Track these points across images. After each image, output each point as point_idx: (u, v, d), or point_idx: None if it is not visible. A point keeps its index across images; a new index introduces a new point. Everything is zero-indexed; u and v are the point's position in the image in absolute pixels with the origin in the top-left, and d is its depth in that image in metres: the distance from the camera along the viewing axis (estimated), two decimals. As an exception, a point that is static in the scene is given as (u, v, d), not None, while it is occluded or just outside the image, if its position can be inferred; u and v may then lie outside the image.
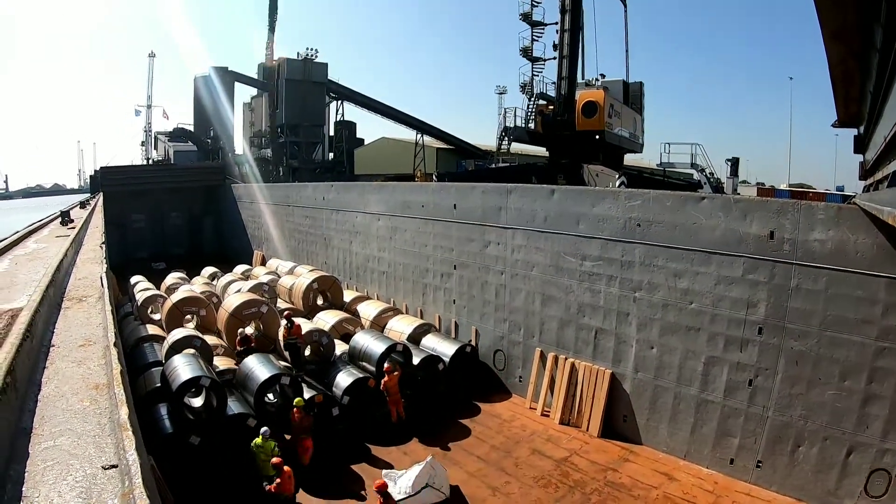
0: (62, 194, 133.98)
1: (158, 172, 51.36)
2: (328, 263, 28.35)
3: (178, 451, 12.73)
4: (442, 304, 20.49)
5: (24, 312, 2.74)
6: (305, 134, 47.04)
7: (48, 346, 2.59)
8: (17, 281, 4.12)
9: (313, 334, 17.59)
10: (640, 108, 36.60)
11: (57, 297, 3.53)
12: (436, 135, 53.87)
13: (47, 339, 2.68)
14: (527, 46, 33.00)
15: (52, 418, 1.89)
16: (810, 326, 10.69)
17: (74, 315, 3.17)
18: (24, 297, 3.43)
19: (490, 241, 18.02)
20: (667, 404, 13.25)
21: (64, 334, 2.79)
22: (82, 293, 3.73)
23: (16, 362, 2.02)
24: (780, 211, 11.05)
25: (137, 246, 41.90)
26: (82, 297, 3.61)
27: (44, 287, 3.36)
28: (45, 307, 3.05)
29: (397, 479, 12.43)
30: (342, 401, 15.23)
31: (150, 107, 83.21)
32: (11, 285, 4.02)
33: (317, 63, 46.67)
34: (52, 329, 2.86)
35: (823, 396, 10.54)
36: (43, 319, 2.90)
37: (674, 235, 12.96)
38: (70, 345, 2.62)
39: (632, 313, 14.02)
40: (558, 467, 13.15)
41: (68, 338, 2.72)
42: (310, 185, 31.98)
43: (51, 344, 2.63)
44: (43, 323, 2.83)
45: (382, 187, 24.90)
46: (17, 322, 2.55)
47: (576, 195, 15.59)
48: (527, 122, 31.63)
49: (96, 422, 1.85)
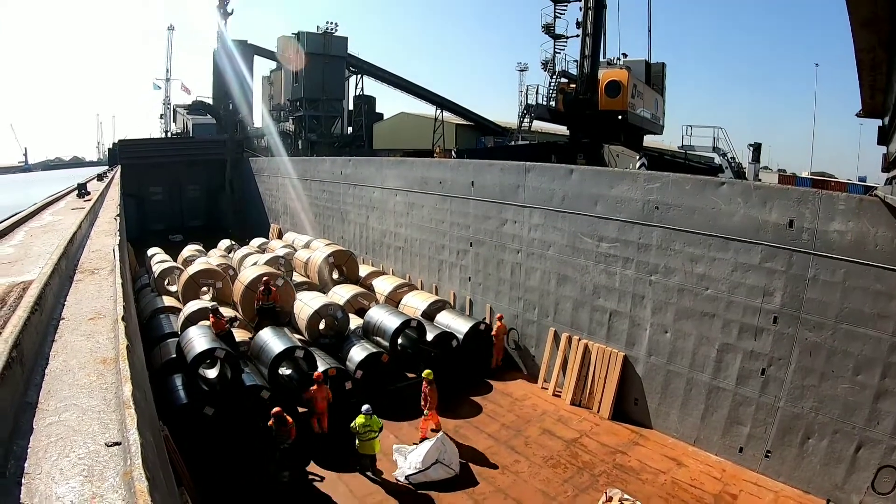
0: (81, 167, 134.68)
1: (176, 145, 51.53)
2: (345, 238, 28.41)
3: (192, 422, 12.93)
4: (457, 281, 20.53)
5: (34, 285, 2.74)
6: (324, 108, 46.85)
7: (58, 319, 2.60)
8: (30, 253, 4.14)
9: (328, 308, 17.67)
10: (661, 89, 36.04)
11: (69, 270, 3.54)
12: (455, 111, 53.51)
13: (57, 312, 2.69)
14: (549, 23, 32.45)
15: (58, 393, 1.90)
16: (826, 318, 10.57)
17: (86, 288, 3.18)
18: (37, 269, 3.43)
19: (507, 219, 17.97)
20: (678, 389, 13.23)
21: (74, 307, 2.80)
22: (95, 265, 3.74)
23: (23, 336, 2.02)
24: (801, 199, 10.88)
25: (155, 218, 42.18)
26: (95, 269, 3.62)
27: (55, 259, 3.36)
28: (56, 280, 3.06)
29: (407, 454, 12.57)
30: (355, 375, 15.34)
31: (168, 80, 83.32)
32: (25, 257, 4.04)
33: (336, 37, 46.33)
34: (63, 302, 2.87)
35: (836, 389, 10.45)
36: (53, 292, 2.91)
37: (692, 220, 12.84)
38: (80, 318, 2.62)
39: (647, 296, 13.96)
40: (568, 448, 13.21)
41: (78, 311, 2.73)
42: (328, 159, 31.98)
43: (61, 317, 2.64)
44: (53, 296, 2.84)
45: (400, 163, 24.84)
46: (27, 295, 2.56)
47: (594, 175, 15.47)
48: (548, 99, 31.27)
49: (101, 397, 1.85)
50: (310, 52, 44.59)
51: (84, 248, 4.55)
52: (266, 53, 50.01)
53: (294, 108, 48.85)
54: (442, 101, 52.11)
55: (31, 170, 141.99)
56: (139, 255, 30.27)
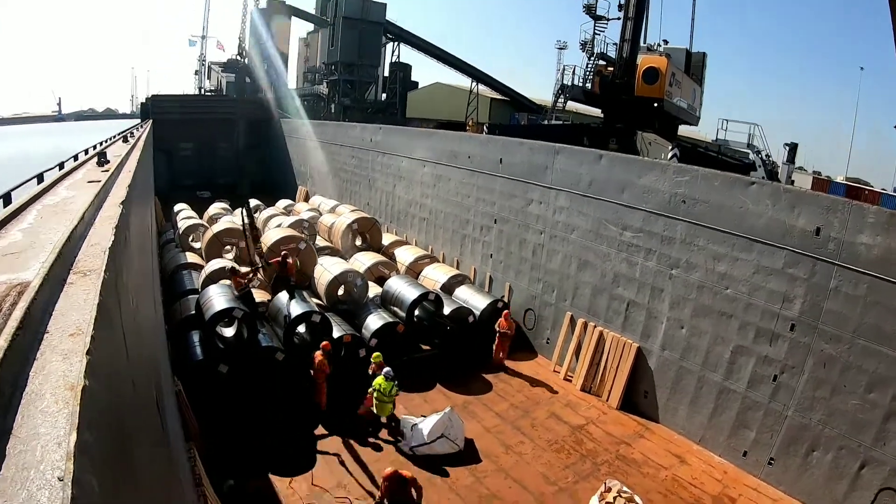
0: (114, 118, 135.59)
1: (209, 103, 51.70)
2: (370, 205, 28.48)
3: (206, 378, 13.20)
4: (479, 257, 20.55)
5: (26, 293, 2.76)
6: (359, 73, 46.73)
7: (43, 334, 2.60)
8: (36, 242, 4.13)
9: (348, 275, 17.81)
10: (700, 79, 35.44)
11: (63, 271, 3.53)
12: (491, 84, 53.10)
13: (44, 326, 2.68)
14: (590, 3, 31.93)
15: (31, 420, 1.93)
16: (844, 331, 10.36)
17: (75, 294, 3.16)
18: (36, 265, 3.45)
19: (533, 199, 17.88)
20: (689, 386, 13.18)
21: (61, 319, 2.77)
22: (88, 266, 3.72)
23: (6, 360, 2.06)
24: (830, 208, 10.62)
25: (184, 174, 42.36)
26: (87, 270, 3.60)
27: (51, 261, 3.36)
28: (48, 285, 3.05)
29: (414, 425, 12.72)
30: (369, 343, 15.49)
31: (205, 37, 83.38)
32: (30, 247, 4.03)
33: (375, 3, 46.04)
34: (52, 311, 2.87)
35: (846, 404, 10.28)
36: (44, 300, 2.90)
37: (718, 217, 12.66)
38: (62, 333, 2.61)
39: (666, 290, 13.86)
40: (573, 434, 13.28)
41: (63, 323, 2.71)
42: (358, 125, 31.94)
43: (46, 331, 2.63)
44: (43, 305, 2.84)
45: (431, 134, 24.76)
46: (17, 308, 2.57)
47: (623, 163, 15.32)
48: (584, 81, 30.89)
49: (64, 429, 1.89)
50: (347, 16, 44.38)
51: (85, 239, 4.54)
52: (304, 15, 49.77)
53: (329, 71, 48.80)
54: (478, 74, 51.74)
55: (65, 119, 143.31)
56: (167, 210, 30.66)
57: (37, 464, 1.73)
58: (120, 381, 3.37)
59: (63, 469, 1.70)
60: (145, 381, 5.02)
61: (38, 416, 1.93)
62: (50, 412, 1.95)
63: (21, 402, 2.00)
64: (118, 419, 2.92)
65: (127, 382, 3.70)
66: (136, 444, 3.43)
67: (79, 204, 5.74)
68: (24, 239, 4.31)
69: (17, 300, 2.74)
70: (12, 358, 2.16)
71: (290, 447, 12.29)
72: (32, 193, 6.44)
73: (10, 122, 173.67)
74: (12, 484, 1.64)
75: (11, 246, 4.10)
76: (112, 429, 2.61)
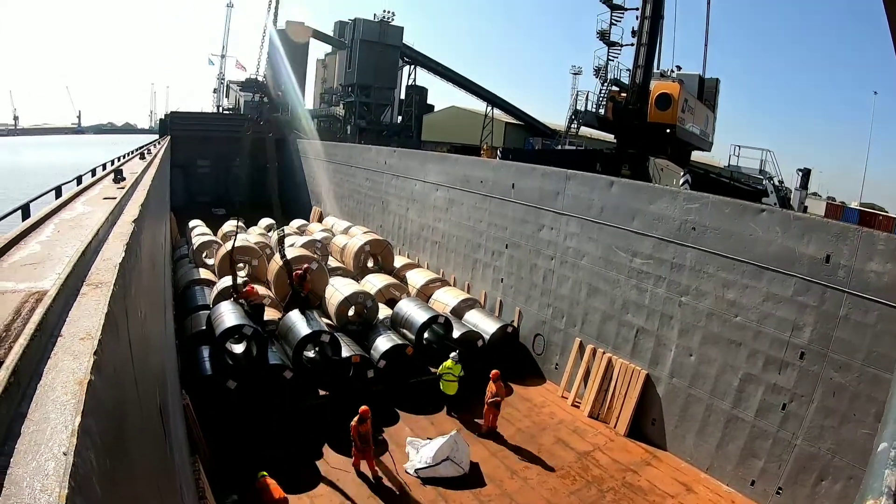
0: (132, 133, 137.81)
1: (226, 121, 52.24)
2: (383, 227, 28.63)
3: (214, 393, 13.29)
4: (490, 282, 20.59)
5: (44, 301, 2.94)
6: (376, 95, 47.24)
7: (57, 337, 2.79)
8: (52, 255, 4.30)
9: (359, 296, 17.89)
10: (713, 105, 35.50)
11: (78, 282, 3.71)
12: (506, 109, 53.44)
13: (58, 330, 2.87)
14: (604, 30, 32.09)
15: (43, 406, 2.14)
16: (853, 359, 10.28)
17: (87, 303, 3.32)
18: (53, 275, 3.62)
19: (544, 224, 17.95)
20: (697, 414, 13.09)
21: (74, 324, 2.96)
22: (101, 278, 3.88)
23: (23, 359, 2.28)
24: (840, 235, 10.61)
25: (200, 190, 42.79)
26: (99, 282, 3.76)
27: (67, 273, 3.55)
28: (64, 294, 3.26)
29: (420, 447, 12.73)
30: (378, 364, 15.53)
31: (224, 56, 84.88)
32: (46, 259, 4.20)
33: (392, 26, 46.67)
34: (66, 318, 3.05)
35: (855, 434, 10.15)
36: (59, 308, 3.10)
37: (728, 244, 12.65)
38: (74, 336, 2.80)
39: (675, 317, 13.83)
40: (579, 460, 13.20)
41: (75, 329, 2.89)
42: (373, 148, 32.17)
43: (60, 334, 2.82)
44: (58, 312, 3.05)
45: (444, 158, 24.91)
46: (35, 314, 2.75)
47: (634, 189, 15.37)
48: (598, 107, 31.01)
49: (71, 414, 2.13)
50: (365, 38, 44.93)
51: (99, 253, 4.71)
52: (322, 37, 50.37)
53: (346, 93, 49.31)
54: (493, 98, 52.11)
55: (84, 132, 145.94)
56: (181, 226, 30.96)
57: (46, 441, 1.96)
58: (123, 381, 3.53)
59: (67, 445, 1.94)
60: (149, 385, 5.17)
61: (49, 404, 2.16)
62: (60, 401, 2.17)
63: (36, 393, 2.26)
64: (119, 413, 3.13)
65: (130, 384, 3.85)
66: (134, 436, 3.61)
67: (94, 220, 5.90)
68: (42, 251, 4.49)
69: (35, 306, 2.93)
70: (30, 355, 2.43)
71: (295, 465, 12.29)
72: (51, 208, 6.62)
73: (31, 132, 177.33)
74: (24, 456, 1.88)
75: (30, 257, 4.29)
76: (112, 419, 2.83)
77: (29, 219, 5.94)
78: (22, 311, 2.91)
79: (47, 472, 1.79)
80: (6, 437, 1.93)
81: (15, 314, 2.88)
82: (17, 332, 2.61)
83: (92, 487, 2.03)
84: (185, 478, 7.88)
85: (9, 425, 1.98)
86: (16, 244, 4.68)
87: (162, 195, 18.95)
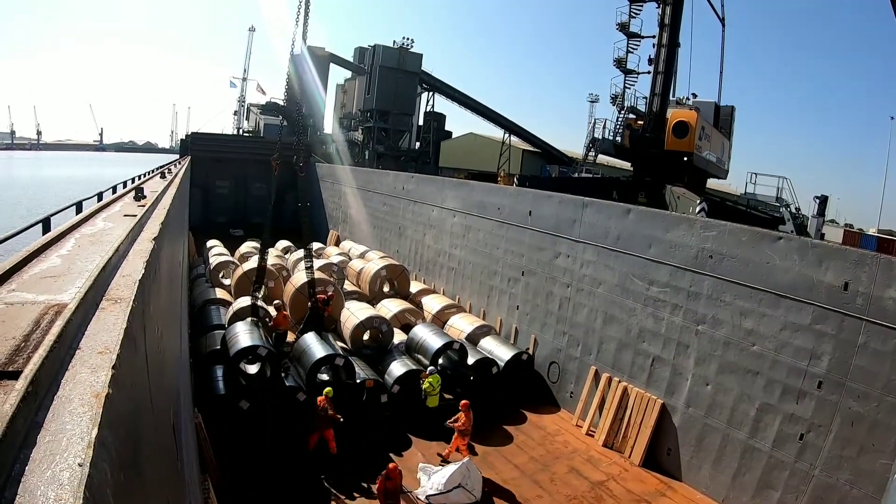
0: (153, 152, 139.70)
1: (246, 144, 52.82)
2: (400, 252, 28.72)
3: (227, 413, 13.31)
4: (505, 308, 20.54)
5: (63, 313, 2.99)
6: (394, 121, 47.71)
7: (75, 349, 2.83)
8: (72, 269, 4.36)
9: (374, 320, 17.92)
10: (729, 132, 35.56)
11: (97, 297, 3.76)
12: (523, 136, 53.75)
13: (76, 342, 2.92)
14: (621, 57, 32.24)
15: (60, 417, 2.17)
16: (872, 388, 10.10)
17: (105, 318, 3.37)
18: (73, 290, 3.67)
19: (560, 252, 17.93)
20: (713, 444, 12.90)
21: (92, 338, 3.00)
22: (120, 294, 3.93)
23: (42, 370, 2.33)
24: (858, 262, 10.51)
25: (219, 211, 43.26)
26: (118, 298, 3.81)
27: (87, 287, 3.61)
28: (83, 308, 3.30)
29: (432, 473, 12.66)
30: (391, 389, 15.49)
31: (245, 79, 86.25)
32: (67, 273, 4.26)
33: (411, 53, 47.23)
34: (84, 331, 3.09)
35: (874, 465, 9.95)
36: (78, 322, 3.15)
37: (745, 272, 12.56)
38: (92, 350, 2.84)
39: (692, 346, 13.71)
40: (593, 490, 13.04)
41: (94, 342, 2.93)
42: (391, 173, 32.36)
43: (78, 347, 2.87)
44: (77, 325, 3.10)
45: (461, 185, 25.01)
46: (55, 326, 2.81)
47: (651, 217, 15.33)
48: (615, 134, 31.12)
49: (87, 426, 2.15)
50: (384, 65, 45.42)
51: (119, 269, 4.77)
52: (342, 62, 50.97)
53: (364, 118, 49.79)
54: (511, 126, 52.43)
55: (105, 150, 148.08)
56: (199, 245, 31.24)
57: (62, 451, 1.98)
58: (139, 396, 3.57)
59: (83, 457, 1.96)
60: (163, 402, 5.23)
61: (66, 415, 2.19)
62: (76, 413, 2.19)
63: (53, 403, 2.30)
64: (134, 427, 3.16)
65: (146, 399, 3.89)
66: (147, 451, 3.64)
67: (114, 236, 5.98)
68: (63, 264, 4.56)
69: (55, 318, 2.98)
70: (48, 367, 2.46)
71: (304, 488, 12.24)
72: (72, 222, 6.71)
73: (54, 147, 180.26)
74: (40, 465, 1.90)
75: (51, 269, 4.36)
76: (128, 433, 2.86)
77: (49, 232, 6.04)
78: (41, 323, 2.95)
79: (62, 482, 1.80)
80: (22, 445, 1.94)
81: (34, 325, 2.92)
82: (35, 342, 2.65)
83: (106, 499, 2.05)
84: (195, 495, 7.89)
85: (25, 434, 2.00)
86: (36, 256, 4.75)
87: (181, 214, 19.16)
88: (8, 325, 2.91)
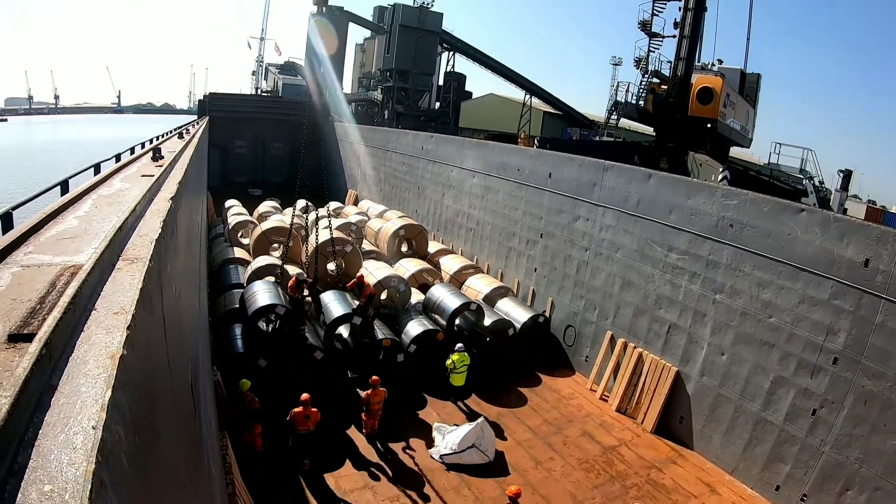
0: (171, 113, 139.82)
1: (264, 103, 52.70)
2: (418, 212, 28.70)
3: (245, 371, 13.44)
4: (523, 270, 20.55)
5: (79, 275, 2.99)
6: (414, 81, 47.25)
7: (91, 310, 2.83)
8: (89, 230, 4.37)
9: (392, 280, 18.00)
10: (754, 101, 34.81)
11: (113, 257, 3.75)
12: (544, 98, 53.06)
13: (92, 303, 2.91)
14: (646, 20, 31.42)
15: (74, 380, 2.18)
16: (888, 367, 9.98)
17: (122, 278, 3.36)
18: (89, 250, 3.68)
19: (580, 215, 17.82)
20: (726, 415, 12.92)
21: (108, 298, 2.99)
22: (136, 253, 3.93)
23: (56, 332, 2.32)
24: (880, 239, 10.29)
25: (237, 170, 43.51)
26: (135, 258, 3.80)
27: (103, 247, 3.61)
28: (98, 269, 3.30)
29: (446, 433, 12.79)
30: (408, 349, 15.62)
31: (263, 39, 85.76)
32: (84, 233, 4.27)
33: (432, 12, 46.55)
34: (100, 292, 3.09)
35: (885, 444, 9.89)
36: (94, 283, 3.14)
37: (765, 243, 12.39)
38: (108, 311, 2.83)
39: (709, 315, 13.64)
40: (605, 454, 13.17)
41: (110, 303, 2.93)
42: (410, 133, 32.14)
43: (94, 308, 2.86)
44: (93, 286, 3.09)
45: (481, 145, 24.79)
46: (70, 287, 2.80)
47: (672, 183, 15.12)
48: (638, 98, 30.60)
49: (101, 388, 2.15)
50: (404, 24, 44.90)
51: (136, 229, 4.77)
52: (361, 21, 50.42)
53: (384, 78, 49.38)
54: (532, 87, 51.75)
55: (123, 112, 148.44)
56: (218, 205, 31.37)
57: (76, 414, 1.98)
58: (155, 356, 3.59)
59: (97, 419, 1.95)
60: (180, 361, 5.27)
61: (80, 377, 2.20)
62: (91, 375, 2.20)
63: (67, 366, 2.30)
64: (150, 388, 3.17)
65: (162, 360, 3.92)
66: (164, 410, 3.67)
67: (131, 196, 5.99)
68: (80, 225, 4.57)
69: (70, 280, 2.99)
70: (63, 329, 2.45)
71: (321, 444, 12.42)
72: (89, 184, 6.73)
73: (71, 111, 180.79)
74: (53, 428, 1.89)
75: (67, 231, 4.37)
76: (144, 394, 2.87)
77: (67, 194, 6.06)
78: (57, 285, 2.96)
79: (75, 446, 1.80)
80: (35, 409, 1.95)
81: (50, 287, 2.94)
82: (51, 304, 2.66)
83: (119, 461, 2.05)
84: (213, 452, 8.02)
85: (39, 397, 2.00)
86: (53, 219, 4.76)
87: (199, 174, 19.17)
88: (24, 288, 2.92)
